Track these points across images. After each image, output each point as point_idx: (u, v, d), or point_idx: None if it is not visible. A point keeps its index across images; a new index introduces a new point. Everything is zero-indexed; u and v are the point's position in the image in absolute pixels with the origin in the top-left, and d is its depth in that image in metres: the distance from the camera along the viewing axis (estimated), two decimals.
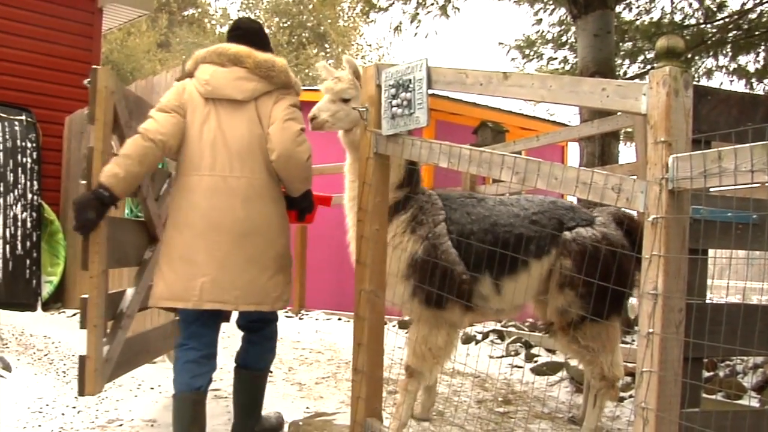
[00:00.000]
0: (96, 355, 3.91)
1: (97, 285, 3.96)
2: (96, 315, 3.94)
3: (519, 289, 4.09)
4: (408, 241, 4.04)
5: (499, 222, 4.09)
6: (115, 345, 4.14)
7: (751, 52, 11.44)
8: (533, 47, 13.46)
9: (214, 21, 35.46)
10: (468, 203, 4.22)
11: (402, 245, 4.05)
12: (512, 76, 3.15)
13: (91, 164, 3.95)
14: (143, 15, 12.12)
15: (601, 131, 7.38)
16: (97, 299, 3.95)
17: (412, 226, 4.07)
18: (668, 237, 2.39)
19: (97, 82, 4.06)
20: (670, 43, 2.54)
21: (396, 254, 4.04)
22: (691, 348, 2.52)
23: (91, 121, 4.06)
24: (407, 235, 4.06)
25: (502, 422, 4.72)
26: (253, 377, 4.17)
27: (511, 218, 4.12)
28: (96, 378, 3.92)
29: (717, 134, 2.70)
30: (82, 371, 3.88)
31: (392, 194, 4.03)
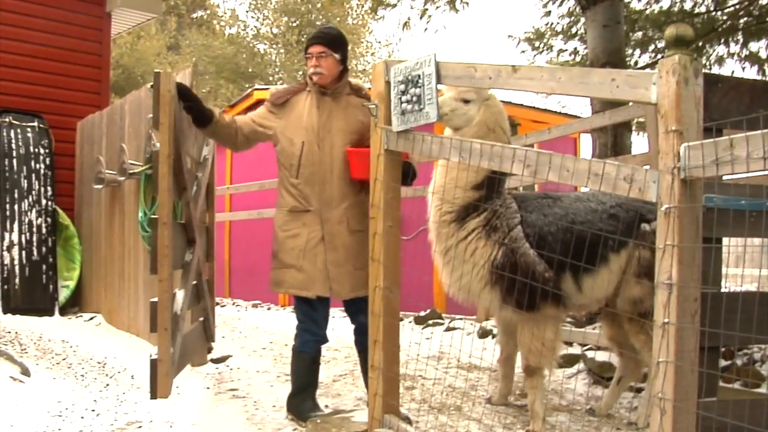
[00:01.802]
0: (167, 358, 4.02)
1: (167, 288, 4.07)
2: (166, 318, 4.06)
3: (600, 284, 4.12)
4: (484, 246, 4.09)
5: (577, 219, 4.08)
6: (176, 347, 4.20)
7: (763, 38, 11.35)
8: (543, 39, 13.41)
9: (223, 22, 35.47)
10: (544, 204, 4.22)
11: (478, 252, 4.11)
12: (521, 69, 3.15)
13: (158, 168, 4.02)
14: (152, 18, 12.12)
15: (613, 122, 7.35)
16: (167, 302, 4.06)
17: (486, 231, 4.11)
18: (681, 226, 2.39)
19: (160, 87, 4.12)
20: (679, 32, 2.53)
21: (472, 260, 4.11)
22: (707, 337, 2.51)
23: (156, 125, 4.13)
24: (482, 241, 4.10)
25: (519, 416, 4.71)
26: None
27: (588, 214, 4.13)
28: (167, 381, 4.06)
29: (728, 122, 2.69)
30: (154, 375, 4.01)
31: (466, 194, 4.13)
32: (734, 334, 2.64)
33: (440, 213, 4.20)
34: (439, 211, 4.21)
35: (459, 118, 4.20)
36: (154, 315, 4.03)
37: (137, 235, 6.76)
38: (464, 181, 4.08)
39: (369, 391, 4.08)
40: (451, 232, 4.16)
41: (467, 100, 4.18)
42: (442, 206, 4.20)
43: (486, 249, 4.08)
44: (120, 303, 7.61)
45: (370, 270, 4.05)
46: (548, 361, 4.23)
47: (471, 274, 4.11)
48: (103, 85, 10.03)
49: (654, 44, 11.88)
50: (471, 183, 4.12)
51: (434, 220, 4.25)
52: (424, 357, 5.81)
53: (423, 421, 4.32)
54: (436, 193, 4.23)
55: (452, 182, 4.08)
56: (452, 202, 4.15)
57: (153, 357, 4.01)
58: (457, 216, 4.16)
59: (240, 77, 31.70)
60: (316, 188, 4.45)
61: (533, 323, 4.13)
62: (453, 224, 4.16)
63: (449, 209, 4.17)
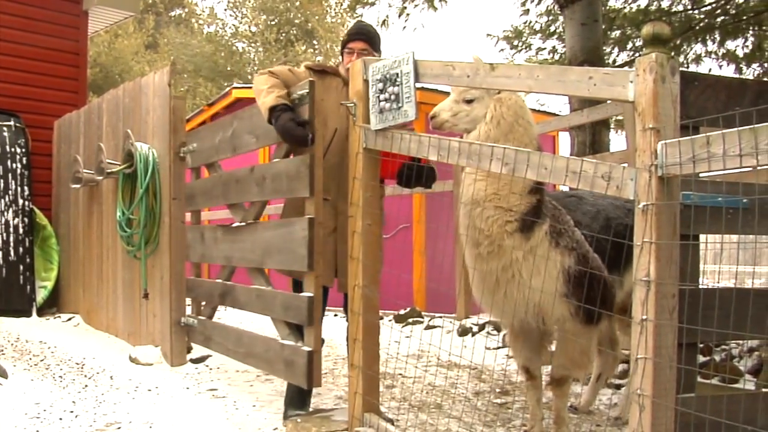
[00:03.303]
0: (320, 349, 4.28)
1: (321, 284, 4.27)
2: (320, 312, 4.26)
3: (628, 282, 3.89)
4: (557, 255, 3.66)
5: (611, 216, 4.00)
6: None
7: (739, 36, 11.43)
8: (521, 38, 13.43)
9: (202, 21, 35.35)
10: (574, 202, 4.02)
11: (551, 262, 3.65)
12: (499, 68, 3.15)
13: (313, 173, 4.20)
14: (130, 16, 12.07)
15: (591, 120, 7.39)
16: (320, 297, 4.26)
17: (554, 239, 3.68)
18: (659, 223, 2.40)
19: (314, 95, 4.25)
20: (656, 30, 2.54)
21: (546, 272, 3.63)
22: (684, 334, 2.52)
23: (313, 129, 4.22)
24: (552, 249, 3.66)
25: (500, 413, 4.72)
26: None
27: (617, 210, 4.05)
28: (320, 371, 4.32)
29: (705, 120, 2.70)
30: (311, 366, 4.21)
31: (525, 199, 3.64)
32: (712, 331, 2.65)
33: (499, 224, 3.64)
34: (498, 222, 3.64)
35: (463, 122, 3.80)
36: (311, 309, 4.20)
37: (115, 235, 6.73)
38: (520, 186, 3.61)
39: (349, 389, 4.08)
40: (517, 243, 3.64)
41: (469, 99, 3.77)
42: (499, 216, 3.64)
43: (558, 257, 3.66)
44: (98, 303, 7.57)
45: (349, 268, 4.04)
46: (586, 369, 4.08)
47: (543, 287, 3.62)
48: (81, 84, 9.97)
49: (632, 42, 11.92)
50: (528, 186, 3.64)
51: (488, 233, 3.66)
52: (404, 355, 5.82)
53: (403, 419, 4.32)
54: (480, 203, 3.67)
55: (506, 188, 3.62)
56: (514, 210, 3.63)
57: (308, 349, 4.24)
58: (522, 224, 3.64)
59: (218, 76, 31.63)
60: (335, 179, 4.41)
61: (587, 336, 3.79)
62: (517, 234, 3.63)
63: (511, 218, 3.63)
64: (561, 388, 4.00)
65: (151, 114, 6.38)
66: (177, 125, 6.04)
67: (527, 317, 3.78)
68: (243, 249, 5.03)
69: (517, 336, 4.13)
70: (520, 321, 3.87)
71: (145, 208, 6.05)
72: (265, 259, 4.74)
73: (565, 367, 3.94)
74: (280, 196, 4.63)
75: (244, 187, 5.00)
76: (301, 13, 33.54)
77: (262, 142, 4.89)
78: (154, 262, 6.24)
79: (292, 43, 33.13)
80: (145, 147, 6.18)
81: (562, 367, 3.95)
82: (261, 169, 4.85)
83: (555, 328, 3.94)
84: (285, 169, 4.50)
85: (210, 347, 5.62)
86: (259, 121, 4.76)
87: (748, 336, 3.64)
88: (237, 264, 5.26)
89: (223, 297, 5.38)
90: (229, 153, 5.30)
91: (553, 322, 3.81)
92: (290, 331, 4.51)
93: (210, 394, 5.07)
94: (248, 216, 5.08)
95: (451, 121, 3.82)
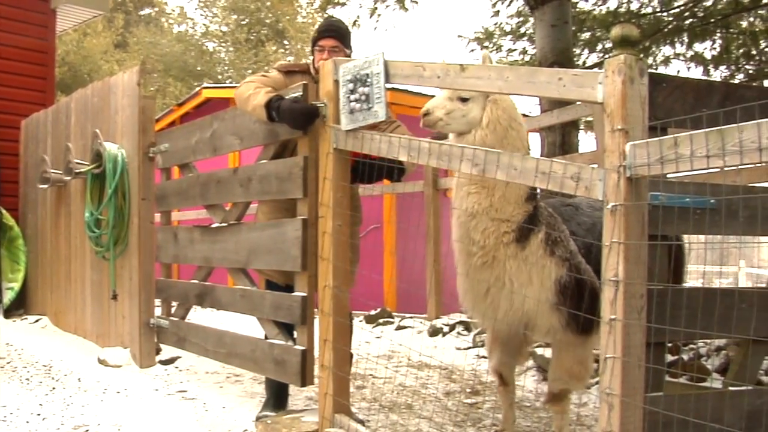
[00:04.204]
0: (313, 348, 4.24)
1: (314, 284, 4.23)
2: (312, 311, 4.24)
3: None
4: (551, 264, 3.56)
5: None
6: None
7: (707, 39, 11.55)
8: (492, 39, 13.48)
9: (172, 20, 35.17)
10: (570, 212, 3.89)
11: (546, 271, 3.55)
12: (469, 68, 3.16)
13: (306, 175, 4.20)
14: (99, 15, 11.97)
15: (561, 121, 7.43)
16: (314, 297, 4.23)
17: (549, 248, 3.58)
18: (627, 224, 2.42)
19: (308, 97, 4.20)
20: (625, 32, 2.55)
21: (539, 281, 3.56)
22: (653, 333, 2.55)
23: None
24: (546, 257, 3.56)
25: (470, 413, 4.74)
26: None
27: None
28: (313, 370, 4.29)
29: (672, 121, 2.73)
30: (304, 364, 4.20)
31: (522, 208, 3.53)
32: (679, 330, 2.68)
33: (496, 235, 3.54)
34: (494, 233, 3.54)
35: (458, 122, 3.59)
36: (304, 308, 4.20)
37: (84, 236, 6.66)
38: (516, 195, 3.53)
39: (319, 390, 4.07)
40: (513, 252, 3.55)
41: (465, 98, 3.55)
42: (495, 228, 3.54)
43: (552, 267, 3.56)
44: (66, 304, 7.50)
45: (319, 269, 4.04)
46: (585, 383, 3.91)
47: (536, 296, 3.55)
48: (49, 83, 9.86)
49: (602, 44, 12.01)
50: (524, 194, 3.55)
51: (483, 244, 3.56)
52: (374, 356, 5.82)
53: (374, 420, 4.33)
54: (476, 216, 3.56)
55: (502, 199, 3.51)
56: (511, 220, 3.54)
57: (302, 348, 4.23)
58: (519, 234, 3.55)
59: (188, 75, 31.48)
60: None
61: (582, 347, 3.71)
62: (513, 244, 3.54)
63: (508, 229, 3.54)
64: (561, 404, 3.88)
65: (120, 114, 6.33)
66: (146, 125, 5.99)
67: (515, 326, 3.71)
68: (225, 250, 5.00)
69: (496, 339, 4.09)
70: (508, 329, 3.81)
71: (113, 208, 6.00)
72: (251, 259, 4.72)
73: (563, 381, 3.81)
74: (269, 197, 4.59)
75: (227, 188, 4.97)
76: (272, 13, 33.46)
77: (247, 144, 4.85)
78: (123, 262, 6.19)
79: (262, 43, 33.04)
80: (113, 147, 6.13)
81: (560, 380, 3.83)
82: (246, 170, 4.81)
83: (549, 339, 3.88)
84: (275, 170, 4.47)
85: (185, 348, 5.58)
86: (243, 123, 4.74)
87: (716, 335, 3.68)
88: (218, 265, 5.23)
89: (200, 298, 5.35)
90: (209, 154, 5.27)
91: (544, 332, 3.72)
92: (279, 331, 4.50)
93: (180, 396, 5.04)
94: (230, 217, 5.05)
95: (444, 120, 3.59)
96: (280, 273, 4.50)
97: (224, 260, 5.02)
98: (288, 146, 4.52)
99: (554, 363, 3.90)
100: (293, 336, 4.40)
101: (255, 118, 4.42)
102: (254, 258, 4.68)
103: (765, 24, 11.35)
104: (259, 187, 4.61)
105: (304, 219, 4.21)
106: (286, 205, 4.44)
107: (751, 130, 2.08)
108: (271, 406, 4.49)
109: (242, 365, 4.95)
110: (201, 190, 5.31)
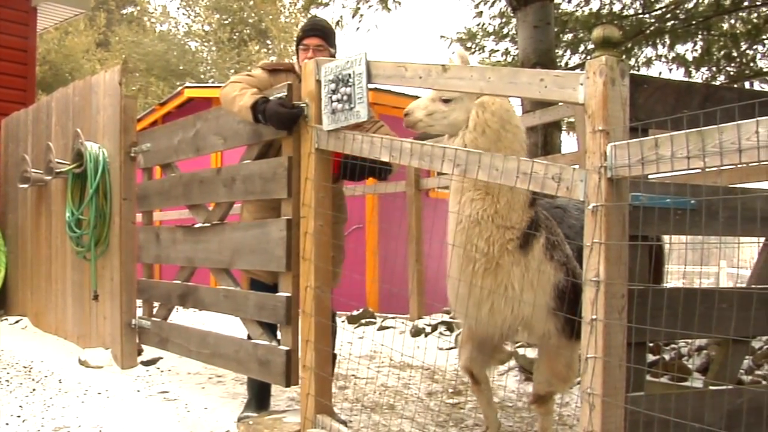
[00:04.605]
0: (297, 348, 4.21)
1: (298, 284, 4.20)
2: (296, 311, 4.21)
3: None
4: (550, 268, 3.53)
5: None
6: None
7: (689, 41, 11.64)
8: (475, 40, 13.53)
9: (154, 19, 35.05)
10: (560, 214, 3.83)
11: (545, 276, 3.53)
12: (451, 69, 3.16)
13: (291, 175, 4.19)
14: (80, 14, 11.91)
15: (543, 121, 7.46)
16: (298, 297, 4.19)
17: (549, 252, 3.54)
18: (608, 224, 2.43)
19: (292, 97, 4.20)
20: (606, 33, 2.56)
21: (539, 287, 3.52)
22: (634, 333, 2.56)
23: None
24: (546, 262, 3.53)
25: (452, 413, 4.74)
26: None
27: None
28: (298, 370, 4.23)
29: (653, 122, 2.74)
30: (289, 365, 4.19)
31: (525, 214, 3.50)
32: (660, 330, 2.69)
33: (501, 243, 3.49)
34: (499, 241, 3.49)
35: (439, 123, 3.60)
36: (288, 309, 4.20)
37: (64, 236, 6.62)
38: (520, 202, 3.50)
39: (301, 391, 4.06)
40: (517, 259, 3.51)
41: (447, 99, 3.55)
42: (500, 236, 3.49)
43: (551, 271, 3.54)
44: (47, 305, 7.45)
45: (301, 269, 4.03)
46: (570, 385, 3.90)
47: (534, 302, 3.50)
48: (29, 82, 9.81)
49: (584, 45, 12.08)
50: (528, 200, 3.53)
51: (486, 251, 3.50)
52: (356, 356, 5.82)
53: (356, 420, 4.32)
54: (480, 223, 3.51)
55: (507, 206, 3.47)
56: (516, 227, 3.49)
57: (286, 348, 4.23)
58: (524, 240, 3.51)
59: (171, 75, 31.37)
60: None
61: (570, 349, 3.65)
62: (517, 251, 3.50)
63: (513, 236, 3.50)
64: (546, 405, 3.90)
65: (101, 113, 6.29)
66: (128, 125, 5.97)
67: (511, 331, 3.68)
68: (208, 250, 4.98)
69: (470, 338, 4.05)
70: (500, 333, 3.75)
71: (95, 208, 5.97)
72: (235, 259, 4.70)
73: (549, 383, 3.82)
74: (253, 197, 4.58)
75: (210, 188, 4.95)
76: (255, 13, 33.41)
77: (231, 144, 4.84)
78: (104, 263, 6.16)
79: (245, 43, 32.98)
80: (95, 146, 6.09)
81: (546, 382, 3.83)
82: (229, 170, 4.80)
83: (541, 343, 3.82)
84: (259, 170, 4.46)
85: (167, 349, 5.56)
86: (227, 123, 4.73)
87: (696, 335, 3.70)
88: (200, 265, 5.21)
89: (183, 298, 5.33)
90: (192, 154, 5.25)
91: (539, 336, 3.68)
92: (263, 331, 4.49)
93: (161, 397, 5.02)
94: (212, 217, 5.03)
95: (425, 120, 3.60)
96: (269, 272, 4.49)
97: (207, 260, 5.00)
98: (273, 146, 4.52)
99: (542, 365, 3.88)
100: (277, 336, 4.39)
101: (240, 119, 4.42)
102: (238, 258, 4.67)
103: (745, 26, 11.43)
104: (243, 188, 4.60)
105: (289, 219, 4.20)
106: (273, 205, 4.44)
107: (730, 132, 2.09)
108: (254, 407, 4.48)
109: (226, 366, 4.93)
110: (184, 190, 5.29)
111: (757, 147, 2.03)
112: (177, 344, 5.39)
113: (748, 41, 11.40)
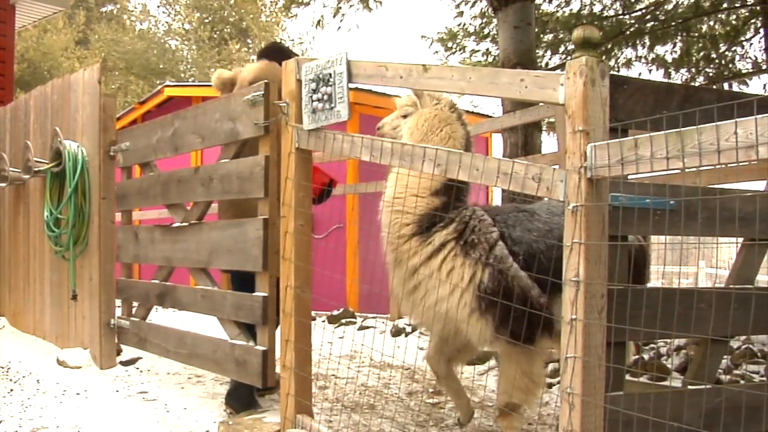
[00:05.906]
0: (274, 348, 4.24)
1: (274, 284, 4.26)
2: (273, 311, 4.25)
3: None
4: (463, 266, 3.57)
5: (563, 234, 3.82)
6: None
7: (668, 42, 11.70)
8: (456, 40, 13.54)
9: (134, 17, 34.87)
10: (523, 218, 3.77)
11: (456, 272, 3.58)
12: (432, 69, 3.16)
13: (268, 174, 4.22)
14: (59, 11, 11.83)
15: (523, 122, 7.48)
16: (275, 297, 4.24)
17: (462, 248, 3.59)
18: (588, 224, 2.43)
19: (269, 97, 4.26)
20: (586, 34, 2.57)
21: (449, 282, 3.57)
22: (613, 333, 2.56)
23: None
24: (459, 259, 3.58)
25: (432, 413, 4.75)
26: None
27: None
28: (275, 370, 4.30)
29: (633, 122, 2.75)
30: (265, 365, 4.21)
31: (425, 201, 3.66)
32: (639, 330, 2.70)
33: (398, 226, 3.70)
34: (397, 224, 3.72)
35: (399, 134, 4.03)
36: (265, 309, 4.22)
37: (43, 235, 6.57)
38: (423, 187, 3.63)
39: (281, 391, 4.06)
40: (415, 248, 3.65)
41: (405, 115, 4.08)
42: (400, 218, 3.72)
43: (466, 269, 3.56)
44: (25, 305, 7.39)
45: (281, 269, 4.03)
46: (535, 398, 3.82)
47: (449, 299, 3.56)
48: (7, 80, 9.73)
49: (564, 46, 12.11)
50: (429, 188, 3.67)
51: (392, 238, 3.73)
52: (336, 356, 5.81)
53: (336, 420, 4.31)
54: (391, 204, 3.78)
55: (407, 190, 3.64)
56: (411, 213, 3.67)
57: (262, 348, 4.25)
58: (419, 228, 3.66)
59: (150, 73, 31.25)
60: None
61: (525, 357, 3.62)
62: (415, 238, 3.65)
63: (408, 221, 3.69)
64: (507, 419, 3.76)
65: (80, 112, 6.25)
66: (107, 123, 5.93)
67: (443, 328, 3.77)
68: (186, 249, 4.97)
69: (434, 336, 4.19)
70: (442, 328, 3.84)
71: (73, 207, 5.93)
72: (213, 259, 4.69)
73: (507, 393, 3.72)
74: (230, 197, 4.58)
75: (188, 188, 4.94)
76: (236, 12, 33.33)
77: (208, 143, 4.83)
78: (83, 262, 6.12)
79: (225, 42, 32.88)
80: (74, 145, 6.05)
81: (504, 393, 3.75)
82: (207, 169, 4.79)
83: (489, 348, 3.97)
84: (236, 169, 4.46)
85: (146, 349, 5.54)
86: (205, 122, 4.73)
87: (675, 335, 3.72)
88: (178, 265, 5.19)
89: (161, 298, 5.31)
90: (170, 153, 5.24)
91: (476, 340, 3.70)
92: (240, 331, 4.49)
93: (140, 397, 4.99)
94: (191, 216, 5.01)
95: (390, 133, 4.08)
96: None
97: (185, 260, 4.98)
98: (248, 144, 4.51)
99: (499, 374, 3.89)
100: (255, 336, 4.38)
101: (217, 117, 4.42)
102: (215, 258, 4.66)
103: (724, 28, 11.51)
104: (220, 187, 4.59)
105: (265, 219, 4.20)
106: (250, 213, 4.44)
107: (709, 132, 2.10)
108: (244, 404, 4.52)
109: (204, 366, 4.92)
110: (162, 190, 5.27)
111: (735, 148, 2.04)
112: (156, 344, 5.37)
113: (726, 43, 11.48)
